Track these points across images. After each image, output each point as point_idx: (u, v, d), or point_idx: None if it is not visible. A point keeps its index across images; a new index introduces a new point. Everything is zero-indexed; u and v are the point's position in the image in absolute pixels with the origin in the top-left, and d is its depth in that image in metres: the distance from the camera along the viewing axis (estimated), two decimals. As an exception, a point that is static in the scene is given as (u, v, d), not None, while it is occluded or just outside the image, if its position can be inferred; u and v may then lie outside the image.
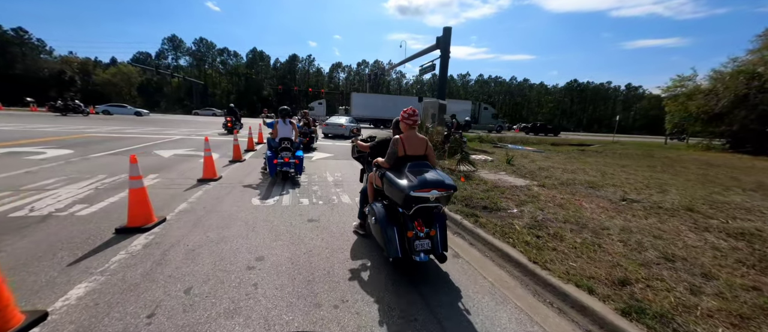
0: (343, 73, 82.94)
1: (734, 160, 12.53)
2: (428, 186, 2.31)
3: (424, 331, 1.94)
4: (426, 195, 2.30)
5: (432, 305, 2.21)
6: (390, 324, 1.98)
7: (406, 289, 2.39)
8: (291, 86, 66.59)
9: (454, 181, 3.01)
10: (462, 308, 2.21)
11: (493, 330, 2.00)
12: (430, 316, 2.08)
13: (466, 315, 2.13)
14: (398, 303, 2.21)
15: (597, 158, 11.61)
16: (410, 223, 2.41)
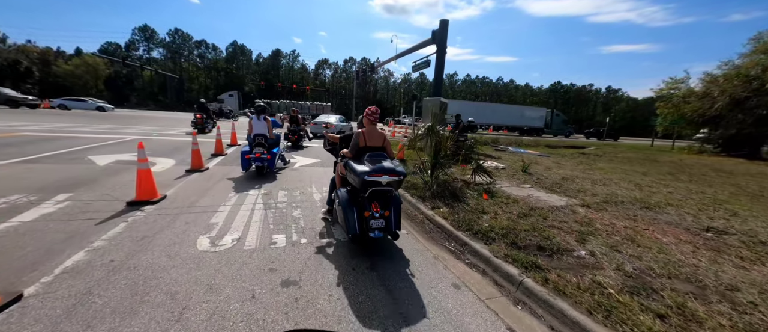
0: (330, 69, 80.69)
1: (745, 166, 12.01)
2: (381, 172, 2.73)
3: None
4: (379, 179, 2.71)
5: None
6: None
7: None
8: (274, 82, 63.77)
9: (405, 169, 3.20)
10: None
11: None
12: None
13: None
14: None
15: (608, 163, 10.73)
16: (368, 205, 2.75)
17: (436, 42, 15.28)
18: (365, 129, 3.21)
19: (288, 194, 4.96)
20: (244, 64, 72.68)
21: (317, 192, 5.19)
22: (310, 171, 6.94)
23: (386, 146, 3.27)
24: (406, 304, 2.20)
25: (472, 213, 4.03)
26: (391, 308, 2.15)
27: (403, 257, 2.98)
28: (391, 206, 2.87)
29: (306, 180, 5.97)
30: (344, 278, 2.49)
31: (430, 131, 5.70)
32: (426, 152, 5.90)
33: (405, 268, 2.75)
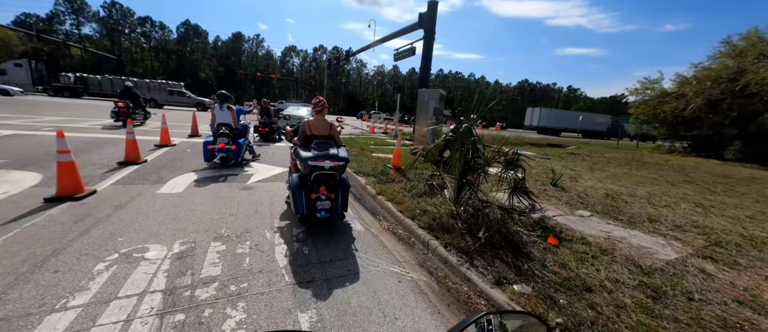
0: (298, 58, 75.62)
1: (733, 169, 11.78)
2: (324, 158, 3.04)
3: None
4: (321, 164, 3.01)
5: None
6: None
7: None
8: (235, 69, 57.95)
9: (349, 155, 3.38)
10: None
11: None
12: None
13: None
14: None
15: (618, 168, 9.72)
16: (315, 188, 3.01)
17: (423, 26, 13.36)
18: (311, 119, 3.45)
19: (225, 255, 2.69)
20: (199, 47, 65.26)
21: (282, 244, 2.99)
22: (271, 191, 4.69)
23: (333, 135, 3.50)
24: None
25: (568, 291, 2.24)
26: None
27: None
28: (338, 190, 3.16)
29: (263, 213, 3.72)
30: None
31: (460, 137, 3.78)
32: (453, 165, 4.00)
33: None
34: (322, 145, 3.22)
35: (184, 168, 5.41)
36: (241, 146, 5.85)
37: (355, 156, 7.41)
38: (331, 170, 3.06)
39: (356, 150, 8.37)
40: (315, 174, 3.04)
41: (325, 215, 3.02)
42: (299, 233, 3.17)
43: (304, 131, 3.38)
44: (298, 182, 3.12)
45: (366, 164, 6.46)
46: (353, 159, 6.99)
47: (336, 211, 3.16)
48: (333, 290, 2.28)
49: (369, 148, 9.23)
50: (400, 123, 18.92)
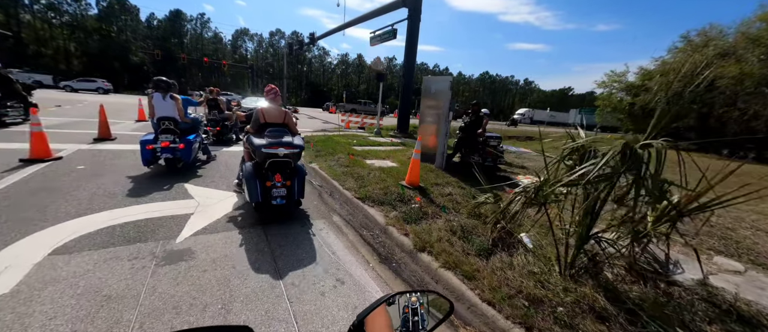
0: (252, 42, 68.69)
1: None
2: (277, 145, 3.03)
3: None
4: (275, 152, 3.00)
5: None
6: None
7: None
8: (176, 54, 50.39)
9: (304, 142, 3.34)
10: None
11: None
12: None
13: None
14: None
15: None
16: (270, 175, 3.01)
17: (407, 4, 11.50)
18: (265, 107, 3.45)
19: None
20: (128, 26, 55.68)
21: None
22: (223, 261, 2.56)
23: (288, 122, 3.52)
24: None
25: None
26: None
27: None
28: (294, 177, 3.20)
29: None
30: None
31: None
32: (577, 208, 2.28)
33: None
34: (276, 133, 3.25)
35: (50, 214, 2.98)
36: (192, 145, 4.83)
37: (346, 167, 5.42)
38: (285, 157, 3.06)
39: (345, 157, 6.35)
40: (269, 162, 3.02)
41: (281, 202, 3.06)
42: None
43: (258, 118, 3.38)
44: (253, 170, 3.07)
45: (370, 181, 4.54)
46: (346, 173, 5.01)
47: (292, 198, 3.22)
48: None
49: (356, 151, 7.23)
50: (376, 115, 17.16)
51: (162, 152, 4.47)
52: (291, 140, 3.20)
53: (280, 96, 3.63)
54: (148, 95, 4.77)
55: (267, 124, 3.37)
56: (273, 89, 3.52)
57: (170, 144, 4.49)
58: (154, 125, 4.67)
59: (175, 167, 4.74)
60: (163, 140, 4.46)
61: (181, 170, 4.83)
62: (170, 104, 4.70)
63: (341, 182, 4.59)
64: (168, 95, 4.69)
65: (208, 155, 5.75)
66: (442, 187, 4.63)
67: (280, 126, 3.42)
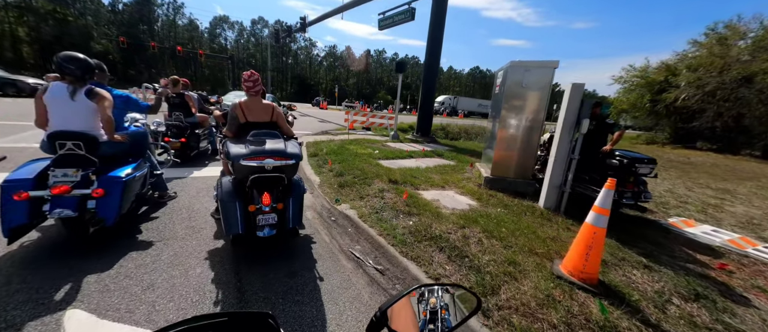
0: (232, 31, 63.79)
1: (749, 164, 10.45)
2: (261, 154, 2.10)
3: None
4: (258, 164, 2.08)
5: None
6: None
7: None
8: (145, 41, 45.48)
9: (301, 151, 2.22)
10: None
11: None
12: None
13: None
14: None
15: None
16: (255, 196, 2.14)
17: (433, -25, 9.08)
18: (244, 101, 2.45)
19: None
20: (89, 9, 49.88)
21: None
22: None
23: (277, 121, 2.55)
24: None
25: None
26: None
27: None
28: (289, 197, 2.29)
29: None
30: None
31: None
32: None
33: None
34: (262, 136, 2.31)
35: None
36: (122, 188, 2.29)
37: (408, 217, 3.09)
38: (275, 171, 2.16)
39: (388, 187, 4.01)
40: (253, 178, 2.11)
41: (271, 233, 2.15)
42: None
43: (236, 117, 2.41)
44: (232, 189, 2.18)
45: (474, 257, 2.23)
46: (417, 235, 2.68)
47: (286, 227, 2.27)
48: None
49: (395, 175, 4.86)
50: (375, 112, 14.93)
51: (52, 206, 2.08)
52: (283, 146, 2.25)
53: (262, 85, 2.50)
54: (40, 91, 2.23)
55: (249, 124, 2.43)
56: (252, 77, 2.44)
57: (73, 190, 2.11)
58: (44, 146, 2.31)
59: (84, 235, 2.25)
60: (56, 184, 2.10)
61: (94, 239, 2.33)
62: (83, 105, 2.25)
63: (425, 265, 2.27)
64: (82, 91, 2.24)
65: (161, 193, 3.27)
66: (625, 268, 2.38)
67: (267, 126, 2.47)
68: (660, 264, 2.60)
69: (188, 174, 4.42)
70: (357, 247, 2.75)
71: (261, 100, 2.53)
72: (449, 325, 0.61)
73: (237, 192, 2.18)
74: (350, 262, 2.50)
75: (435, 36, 9.37)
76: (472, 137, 16.27)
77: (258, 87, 2.46)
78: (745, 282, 2.49)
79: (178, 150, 4.88)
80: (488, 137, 5.30)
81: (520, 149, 4.33)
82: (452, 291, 0.68)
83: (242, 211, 2.14)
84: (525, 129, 4.25)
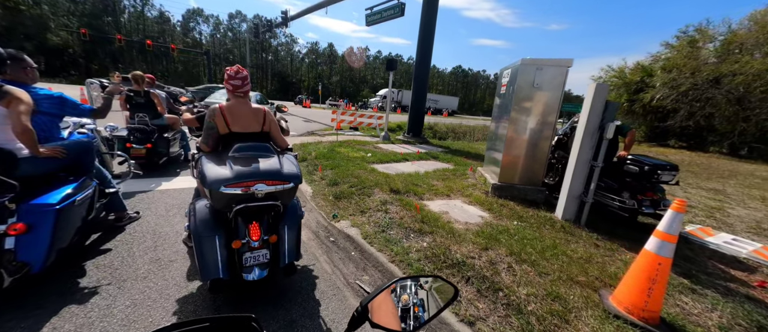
0: (207, 25, 60.74)
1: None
2: (251, 178, 1.60)
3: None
4: (245, 192, 1.58)
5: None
6: None
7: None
8: (111, 34, 42.28)
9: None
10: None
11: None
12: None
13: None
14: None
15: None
16: (240, 228, 1.64)
17: (424, -31, 8.72)
18: (228, 104, 1.90)
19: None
20: (45, -2, 45.69)
21: None
22: None
23: (271, 130, 2.04)
24: None
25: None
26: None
27: None
28: (284, 226, 1.80)
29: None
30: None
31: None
32: None
33: None
34: (250, 152, 1.78)
35: None
36: (52, 218, 1.58)
37: (420, 237, 2.69)
38: (268, 198, 1.65)
39: (390, 197, 3.60)
40: (237, 209, 1.59)
41: (262, 275, 1.66)
42: None
43: (215, 127, 1.85)
44: (209, 217, 1.67)
45: (511, 291, 1.86)
46: (433, 260, 2.28)
47: (280, 263, 1.78)
48: None
49: (395, 183, 4.44)
50: (363, 112, 14.65)
51: None
52: (278, 165, 1.74)
53: (250, 84, 1.96)
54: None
55: (233, 134, 1.87)
56: (240, 74, 1.90)
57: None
58: None
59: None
60: None
61: (13, 293, 1.73)
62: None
63: (454, 304, 1.87)
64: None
65: (119, 214, 2.67)
66: (673, 294, 2.09)
67: (258, 137, 1.93)
68: (703, 286, 2.35)
69: (155, 186, 3.78)
70: (365, 277, 2.31)
71: (249, 103, 2.01)
72: (428, 314, 0.66)
73: (216, 222, 1.69)
74: (359, 299, 2.06)
75: (427, 32, 9.01)
76: (460, 136, 16.16)
77: (247, 87, 1.97)
78: (792, 302, 2.28)
79: (143, 158, 4.21)
80: (491, 139, 4.99)
81: (531, 154, 4.03)
82: (430, 282, 0.71)
83: (224, 248, 1.64)
84: (536, 132, 3.96)
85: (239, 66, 1.97)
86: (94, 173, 2.35)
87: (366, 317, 0.57)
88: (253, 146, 1.86)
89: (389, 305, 0.63)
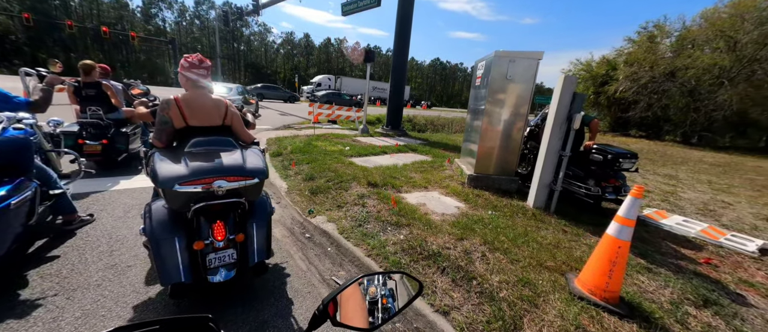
0: (171, 12, 56.69)
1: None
2: (208, 175, 1.47)
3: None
4: (204, 189, 1.45)
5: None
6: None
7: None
8: (59, 19, 38.33)
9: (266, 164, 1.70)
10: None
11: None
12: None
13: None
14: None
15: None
16: (205, 228, 1.51)
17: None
18: (184, 96, 1.73)
19: None
20: (-23, -24, 40.52)
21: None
22: None
23: (233, 124, 1.89)
24: None
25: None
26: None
27: None
28: (251, 223, 1.69)
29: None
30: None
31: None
32: None
33: None
34: (208, 146, 1.66)
35: None
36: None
37: (398, 230, 2.69)
38: (230, 195, 1.53)
39: (368, 192, 3.56)
40: (196, 208, 1.44)
41: (229, 276, 1.56)
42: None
43: (169, 121, 1.68)
44: (167, 219, 1.53)
45: (482, 279, 1.89)
46: (416, 245, 2.30)
47: (249, 262, 1.68)
48: None
49: (372, 176, 4.41)
50: (345, 106, 14.63)
51: None
52: (240, 159, 1.62)
53: (210, 74, 1.82)
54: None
55: (191, 129, 1.72)
56: (204, 63, 1.76)
57: None
58: None
59: None
60: None
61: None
62: None
63: (429, 295, 1.89)
64: None
65: (68, 217, 2.44)
66: (631, 273, 2.23)
67: (219, 131, 1.80)
68: (658, 265, 2.53)
69: (112, 186, 3.50)
70: (341, 273, 2.28)
71: (209, 95, 1.86)
72: (394, 310, 0.66)
73: (175, 223, 1.56)
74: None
75: (404, 22, 8.92)
76: (439, 128, 16.37)
77: (209, 78, 1.85)
78: (732, 276, 2.52)
79: (99, 155, 3.88)
80: (467, 131, 5.07)
81: (505, 145, 4.14)
82: (394, 277, 0.70)
83: (185, 251, 1.53)
84: (509, 124, 4.06)
85: (201, 56, 1.82)
86: (34, 173, 2.11)
87: (327, 315, 0.56)
88: (213, 141, 1.73)
89: (357, 300, 0.63)
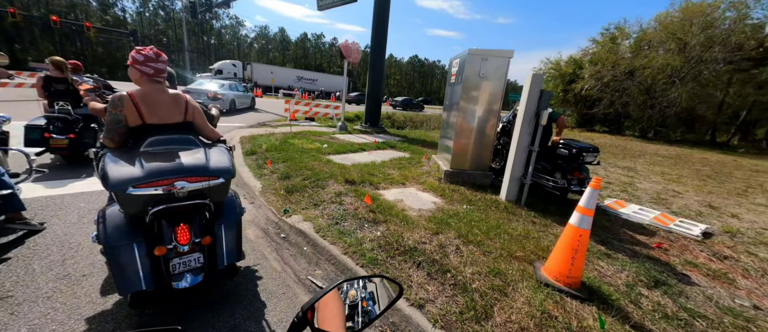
0: (132, 2, 52.76)
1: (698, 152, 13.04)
2: (166, 175, 1.37)
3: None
4: (164, 191, 1.36)
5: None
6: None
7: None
8: (0, 6, 34.45)
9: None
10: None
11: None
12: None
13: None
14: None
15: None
16: (167, 232, 1.40)
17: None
18: (140, 92, 1.60)
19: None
20: None
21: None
22: None
23: (195, 120, 1.79)
24: None
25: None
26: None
27: None
28: (219, 225, 1.62)
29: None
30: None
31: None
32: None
33: None
34: (166, 145, 1.56)
35: None
36: None
37: (374, 227, 2.70)
38: (193, 197, 1.44)
39: (346, 190, 3.54)
40: (155, 211, 1.35)
41: (195, 281, 1.47)
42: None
43: (121, 119, 1.55)
44: (123, 224, 1.42)
45: (457, 272, 1.96)
46: (392, 241, 2.33)
47: (218, 266, 1.61)
48: None
49: (350, 173, 4.40)
50: (317, 100, 14.53)
51: None
52: (202, 158, 1.52)
53: (167, 65, 1.72)
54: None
55: (148, 127, 1.60)
56: (156, 55, 1.62)
57: None
58: None
59: None
60: None
61: None
62: None
63: (405, 290, 1.92)
64: None
65: (14, 216, 2.24)
66: (592, 259, 2.39)
67: (180, 128, 1.69)
68: (616, 251, 2.73)
69: (67, 190, 3.22)
70: (317, 272, 2.25)
71: (167, 90, 1.75)
72: (374, 314, 0.66)
73: (133, 228, 1.45)
74: (310, 295, 2.00)
75: (381, 17, 8.90)
76: (418, 125, 16.55)
77: (166, 73, 1.74)
78: (679, 258, 2.77)
79: (65, 149, 3.67)
80: (444, 127, 5.16)
81: (479, 141, 4.27)
82: (374, 281, 0.70)
83: (145, 257, 1.44)
84: (483, 120, 4.18)
85: (157, 49, 1.70)
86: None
87: (306, 322, 0.55)
88: (171, 139, 1.62)
89: (336, 305, 0.62)
